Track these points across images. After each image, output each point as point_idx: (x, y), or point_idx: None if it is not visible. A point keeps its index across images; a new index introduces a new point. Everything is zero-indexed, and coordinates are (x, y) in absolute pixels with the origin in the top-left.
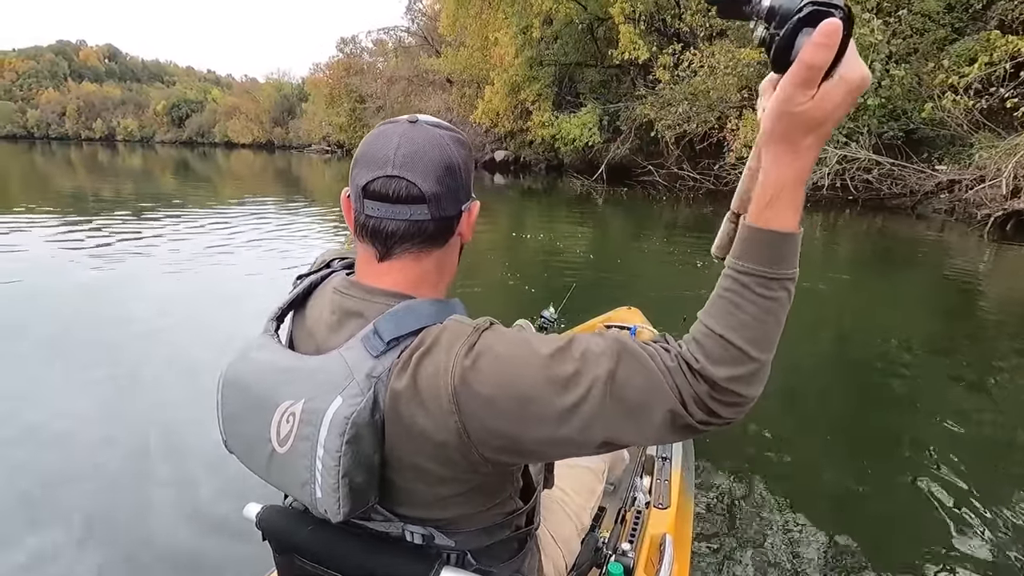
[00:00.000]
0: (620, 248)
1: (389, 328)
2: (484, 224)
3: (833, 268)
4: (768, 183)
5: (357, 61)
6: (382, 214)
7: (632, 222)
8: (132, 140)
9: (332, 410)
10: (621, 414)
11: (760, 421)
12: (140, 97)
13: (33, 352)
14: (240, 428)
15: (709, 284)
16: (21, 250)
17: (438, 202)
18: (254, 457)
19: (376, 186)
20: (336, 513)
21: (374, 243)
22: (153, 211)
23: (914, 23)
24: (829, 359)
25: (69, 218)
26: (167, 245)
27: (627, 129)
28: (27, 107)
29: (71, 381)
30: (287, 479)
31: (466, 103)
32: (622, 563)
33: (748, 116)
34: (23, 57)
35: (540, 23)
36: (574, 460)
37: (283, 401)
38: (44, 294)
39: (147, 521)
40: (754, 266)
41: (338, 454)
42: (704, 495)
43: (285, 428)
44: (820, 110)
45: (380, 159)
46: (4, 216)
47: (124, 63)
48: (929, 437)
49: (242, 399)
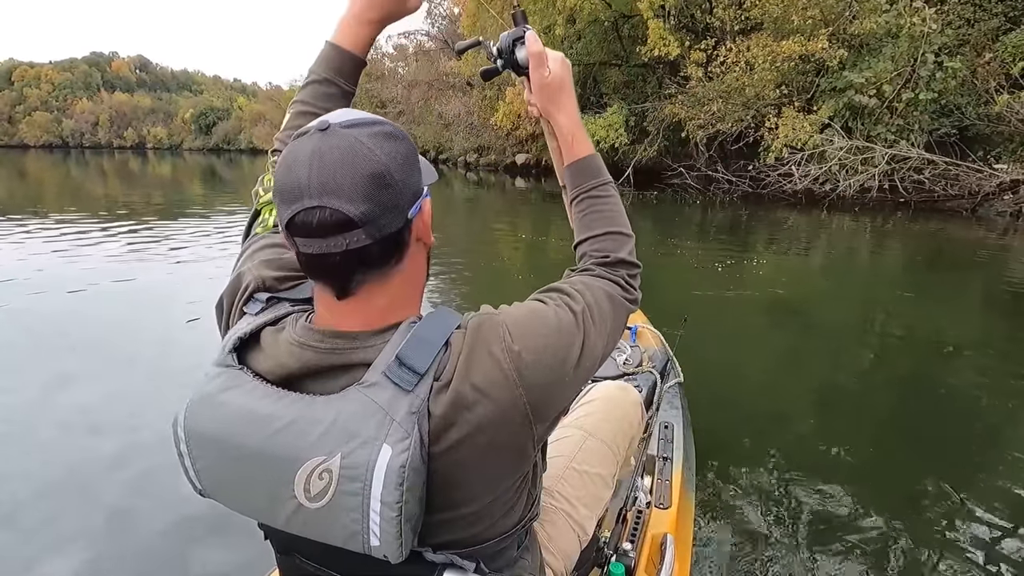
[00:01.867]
0: (647, 254)
1: (419, 359)
2: (503, 229)
3: (882, 274)
4: (563, 134)
5: (378, 66)
6: (316, 249)
7: (662, 227)
8: (161, 148)
9: (383, 462)
10: (601, 324)
11: (762, 423)
12: (169, 106)
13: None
14: (231, 483)
15: (724, 288)
16: (86, 255)
17: (374, 222)
18: (260, 510)
19: (299, 222)
20: (398, 556)
21: (324, 280)
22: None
23: (964, 12)
24: (868, 366)
25: (127, 224)
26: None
27: (655, 130)
28: (62, 117)
29: (74, 378)
30: (323, 531)
31: (487, 105)
32: (623, 563)
33: (788, 113)
34: (58, 69)
35: (564, 21)
36: (585, 466)
37: (309, 458)
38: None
39: (146, 521)
40: (589, 182)
41: (399, 504)
42: (705, 495)
43: (319, 485)
44: (555, 76)
45: (294, 189)
46: (68, 224)
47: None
48: (970, 452)
49: (228, 455)
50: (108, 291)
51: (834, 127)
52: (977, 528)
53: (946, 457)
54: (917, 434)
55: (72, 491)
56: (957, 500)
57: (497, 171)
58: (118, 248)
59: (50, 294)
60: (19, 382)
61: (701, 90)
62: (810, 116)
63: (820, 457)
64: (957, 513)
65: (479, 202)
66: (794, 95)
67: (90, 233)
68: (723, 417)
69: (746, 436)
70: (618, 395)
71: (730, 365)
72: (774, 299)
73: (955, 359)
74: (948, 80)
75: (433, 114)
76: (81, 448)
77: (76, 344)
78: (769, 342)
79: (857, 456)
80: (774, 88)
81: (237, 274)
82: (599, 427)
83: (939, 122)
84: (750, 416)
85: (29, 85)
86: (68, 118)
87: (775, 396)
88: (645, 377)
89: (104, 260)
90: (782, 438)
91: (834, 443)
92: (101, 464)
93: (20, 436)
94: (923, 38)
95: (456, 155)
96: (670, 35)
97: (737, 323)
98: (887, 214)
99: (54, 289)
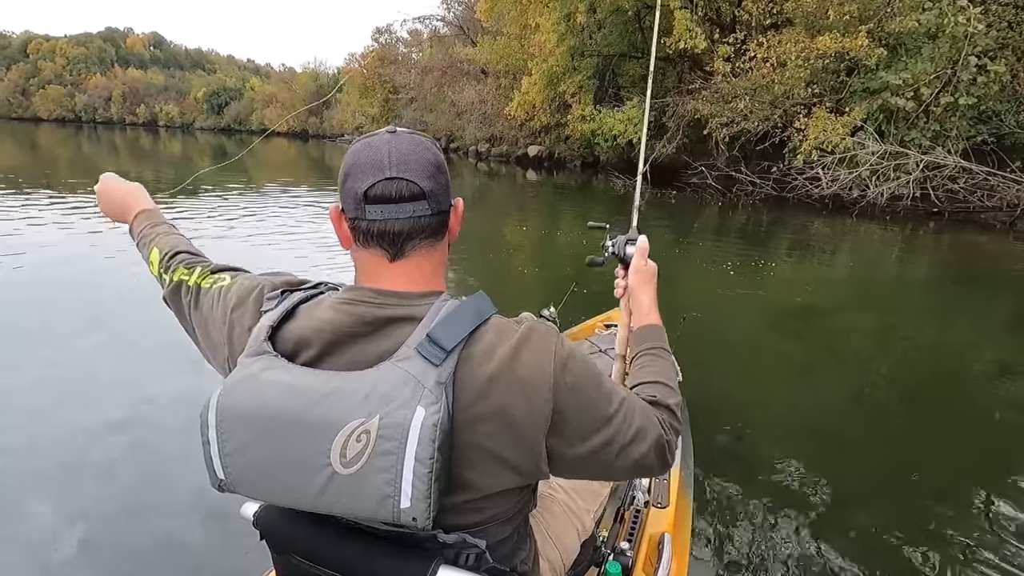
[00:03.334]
0: (658, 251)
1: (447, 337)
2: (513, 221)
3: (907, 286)
4: (641, 309)
5: (391, 51)
6: (387, 215)
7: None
8: (173, 126)
9: (418, 421)
10: (631, 430)
11: (762, 423)
12: (182, 84)
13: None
14: (261, 461)
15: (734, 289)
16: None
17: (435, 197)
18: (290, 487)
19: (377, 190)
20: (426, 519)
21: (382, 245)
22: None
23: (1004, 14)
24: (878, 377)
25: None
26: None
27: (674, 126)
28: (76, 91)
29: (56, 370)
30: (354, 499)
31: (501, 95)
32: (620, 562)
33: (819, 114)
34: (73, 43)
35: (585, 9)
36: None
37: (349, 421)
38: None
39: (144, 521)
40: (654, 343)
41: (431, 461)
42: (703, 495)
43: (355, 448)
44: (650, 267)
45: (375, 165)
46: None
47: (168, 51)
48: (984, 475)
49: (265, 428)
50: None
51: (867, 130)
52: (979, 548)
53: (954, 472)
54: (923, 444)
55: (67, 490)
56: (956, 515)
57: (508, 162)
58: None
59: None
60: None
61: (727, 86)
62: (842, 118)
63: (818, 458)
64: (957, 525)
65: (489, 193)
66: (825, 95)
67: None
68: (722, 417)
69: (745, 436)
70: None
71: (732, 365)
72: (787, 303)
73: (979, 380)
74: (990, 85)
75: (446, 101)
76: (74, 445)
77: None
78: (775, 345)
79: (856, 459)
80: (804, 87)
81: (248, 287)
82: None
83: (976, 129)
84: (749, 416)
85: (44, 58)
86: (81, 93)
87: (776, 398)
88: None
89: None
90: (781, 439)
91: (833, 446)
92: (96, 462)
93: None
94: (966, 39)
95: (467, 144)
96: (697, 27)
97: (743, 324)
98: (918, 224)
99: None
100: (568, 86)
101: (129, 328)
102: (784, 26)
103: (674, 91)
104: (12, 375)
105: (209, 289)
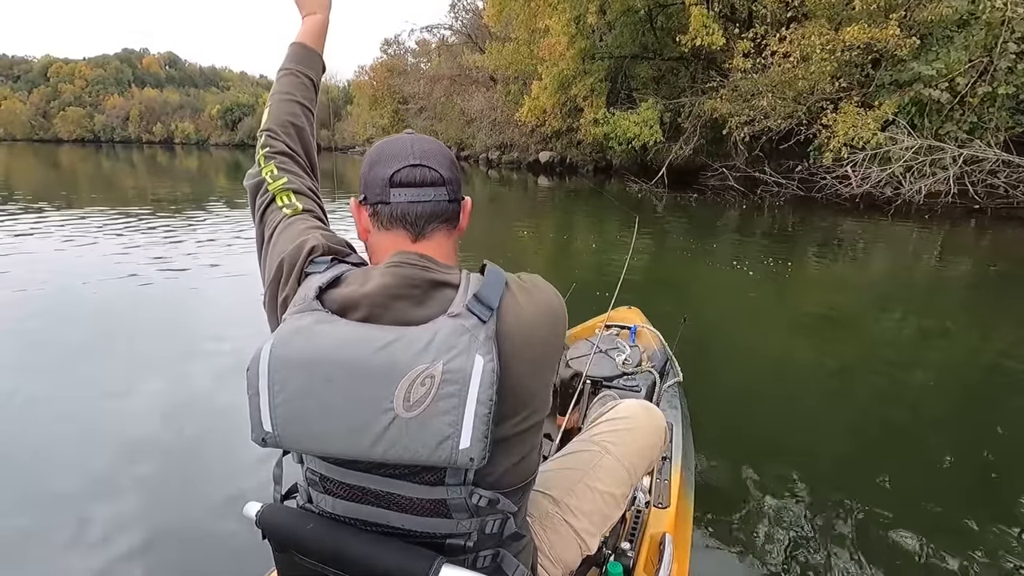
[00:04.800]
0: (675, 254)
1: (491, 296)
2: (526, 229)
3: (943, 289)
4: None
5: (400, 62)
6: (410, 198)
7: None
8: (189, 143)
9: (479, 367)
10: None
11: (769, 427)
12: (196, 102)
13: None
14: (316, 409)
15: (748, 290)
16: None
17: (453, 185)
18: (345, 434)
19: (402, 175)
20: (482, 459)
21: (405, 226)
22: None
23: None
24: (895, 383)
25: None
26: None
27: (691, 127)
28: (94, 112)
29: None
30: (414, 442)
31: (511, 101)
32: (622, 563)
33: (848, 109)
34: (92, 65)
35: (596, 9)
36: (598, 483)
37: (414, 367)
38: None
39: (143, 520)
40: None
41: (491, 403)
42: (704, 495)
43: (419, 392)
44: None
45: (400, 154)
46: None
47: (183, 69)
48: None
49: (323, 375)
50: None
51: (899, 124)
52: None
53: (983, 488)
54: (948, 454)
55: (66, 488)
56: (983, 533)
57: (520, 169)
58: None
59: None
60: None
61: (747, 83)
62: (872, 112)
63: (821, 460)
64: (983, 544)
65: (501, 201)
66: (853, 89)
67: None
68: (726, 417)
69: (746, 436)
70: (643, 416)
71: (739, 366)
72: (807, 305)
73: (1017, 394)
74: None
75: (455, 109)
76: (75, 445)
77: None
78: (788, 346)
79: (861, 463)
80: (830, 81)
81: (300, 241)
82: (619, 447)
83: (1016, 119)
84: (754, 418)
85: (64, 80)
86: (100, 113)
87: (783, 399)
88: (644, 376)
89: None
90: (786, 441)
91: (838, 448)
92: (95, 460)
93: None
94: (1003, 25)
95: (478, 152)
96: (713, 23)
97: (756, 326)
98: (957, 222)
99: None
100: (579, 89)
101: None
102: (804, 19)
103: (688, 91)
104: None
105: (280, 208)
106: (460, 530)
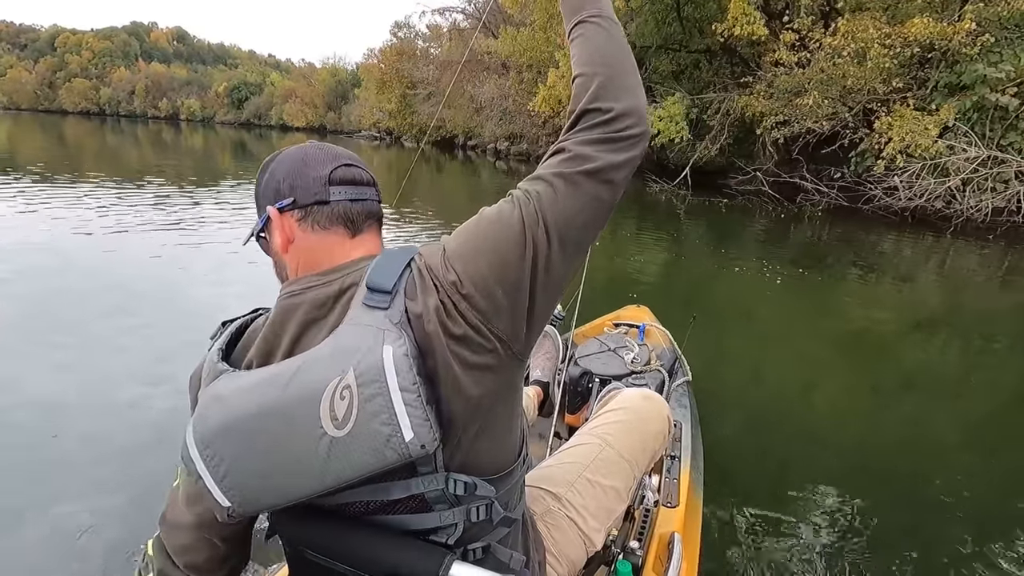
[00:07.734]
0: (693, 262)
1: (384, 280)
2: None
3: (994, 319)
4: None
5: (410, 46)
6: (351, 196)
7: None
8: (194, 120)
9: (389, 356)
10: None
11: (779, 429)
12: (204, 79)
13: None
14: (258, 466)
15: (773, 297)
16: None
17: (377, 188)
18: (296, 473)
19: (340, 174)
20: (433, 441)
21: (345, 224)
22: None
23: None
24: (918, 401)
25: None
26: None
27: (718, 125)
28: (100, 85)
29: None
30: (357, 456)
31: (524, 90)
32: (630, 561)
33: (904, 113)
34: (99, 36)
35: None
36: (599, 477)
37: (328, 383)
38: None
39: (143, 520)
40: (587, 12)
41: (415, 385)
42: (713, 494)
43: (342, 406)
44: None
45: (326, 157)
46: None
47: (191, 45)
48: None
49: (247, 430)
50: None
51: (963, 132)
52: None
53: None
54: (949, 473)
55: (64, 486)
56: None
57: (529, 161)
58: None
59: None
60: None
61: (788, 80)
62: (932, 116)
63: (831, 460)
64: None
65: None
66: (910, 90)
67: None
68: (736, 417)
69: (759, 439)
70: (643, 406)
71: (752, 367)
72: (835, 318)
73: None
74: None
75: (464, 96)
76: (74, 435)
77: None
78: (806, 356)
79: (871, 464)
80: (883, 80)
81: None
82: (619, 438)
83: None
84: (765, 419)
85: (71, 51)
86: (106, 86)
87: (795, 403)
88: (653, 375)
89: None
90: (795, 443)
91: (847, 449)
92: (94, 458)
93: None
94: None
95: (486, 142)
96: (754, 11)
97: (772, 332)
98: (1011, 242)
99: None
100: None
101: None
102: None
103: (715, 86)
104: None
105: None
106: (445, 522)
